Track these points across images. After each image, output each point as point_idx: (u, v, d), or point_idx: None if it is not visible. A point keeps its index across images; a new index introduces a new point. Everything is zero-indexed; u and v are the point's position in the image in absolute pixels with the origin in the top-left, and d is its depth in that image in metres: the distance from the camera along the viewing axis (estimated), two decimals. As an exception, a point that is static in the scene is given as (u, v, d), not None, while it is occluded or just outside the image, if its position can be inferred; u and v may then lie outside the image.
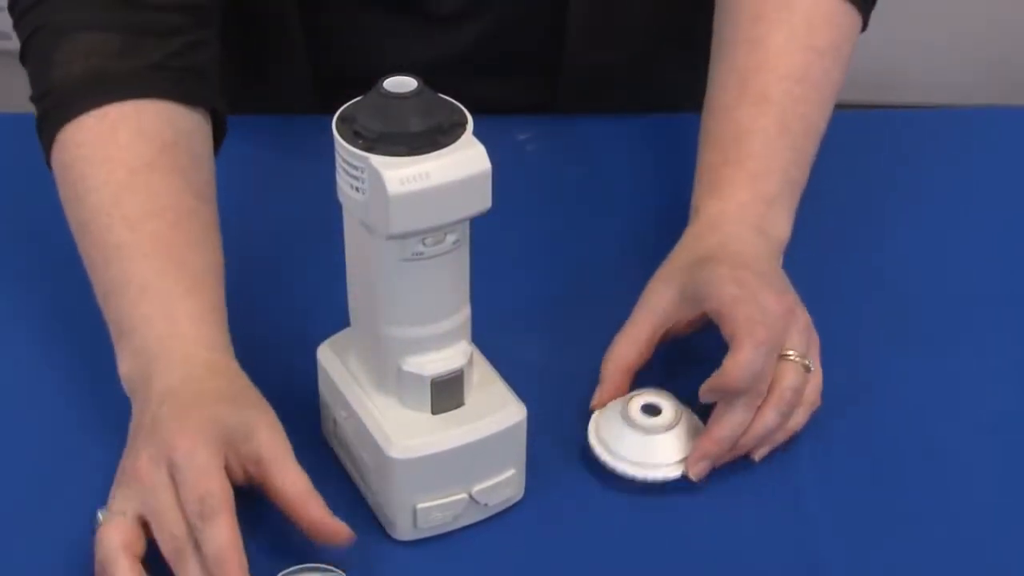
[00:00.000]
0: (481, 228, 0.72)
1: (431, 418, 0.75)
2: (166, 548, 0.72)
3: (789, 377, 0.79)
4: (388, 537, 0.78)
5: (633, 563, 0.77)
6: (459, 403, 0.76)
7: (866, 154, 1.07)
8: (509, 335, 0.86)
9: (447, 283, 0.73)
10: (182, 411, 0.75)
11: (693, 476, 0.79)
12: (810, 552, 0.77)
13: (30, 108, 0.89)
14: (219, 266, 0.84)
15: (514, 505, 0.80)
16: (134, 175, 0.83)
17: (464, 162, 0.68)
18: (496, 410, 0.76)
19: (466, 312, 0.75)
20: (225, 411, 0.75)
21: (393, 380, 0.75)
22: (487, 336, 0.78)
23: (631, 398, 0.82)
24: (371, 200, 0.68)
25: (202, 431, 0.73)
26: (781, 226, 0.87)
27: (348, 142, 0.68)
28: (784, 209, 0.87)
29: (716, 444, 0.79)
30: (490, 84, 0.73)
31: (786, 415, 0.80)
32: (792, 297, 0.83)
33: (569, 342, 0.90)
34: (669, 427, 0.80)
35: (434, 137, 0.68)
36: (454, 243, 0.71)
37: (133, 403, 0.79)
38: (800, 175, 0.89)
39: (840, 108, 0.94)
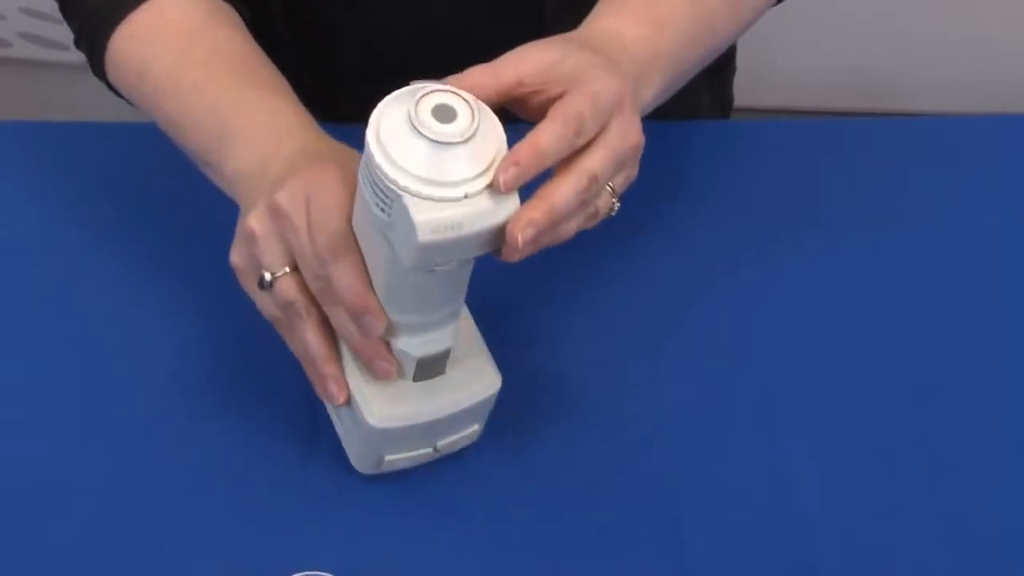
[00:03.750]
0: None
1: (412, 386, 0.76)
2: (313, 287, 0.74)
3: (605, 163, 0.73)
4: (388, 543, 0.78)
5: (633, 566, 0.77)
6: (440, 372, 0.77)
7: (867, 162, 1.07)
8: (510, 340, 0.86)
9: (451, 287, 0.74)
10: (315, 159, 0.76)
11: (502, 183, 0.68)
12: (809, 552, 0.77)
13: (31, 113, 0.89)
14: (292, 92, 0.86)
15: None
16: (192, 35, 0.88)
17: (498, 210, 0.67)
18: (474, 381, 0.78)
19: (461, 301, 0.76)
20: (354, 166, 0.73)
21: None
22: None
23: (423, 95, 0.67)
24: (396, 225, 0.67)
25: (335, 170, 0.74)
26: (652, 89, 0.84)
27: (383, 170, 0.66)
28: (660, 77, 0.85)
29: (534, 153, 0.69)
30: None
31: (585, 201, 0.73)
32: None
33: (569, 345, 0.90)
34: (464, 139, 0.67)
35: (473, 180, 0.67)
36: (466, 260, 0.72)
37: (245, 191, 0.79)
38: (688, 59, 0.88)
39: (841, 116, 0.94)
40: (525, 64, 0.74)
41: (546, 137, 0.71)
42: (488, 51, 0.75)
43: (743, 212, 1.01)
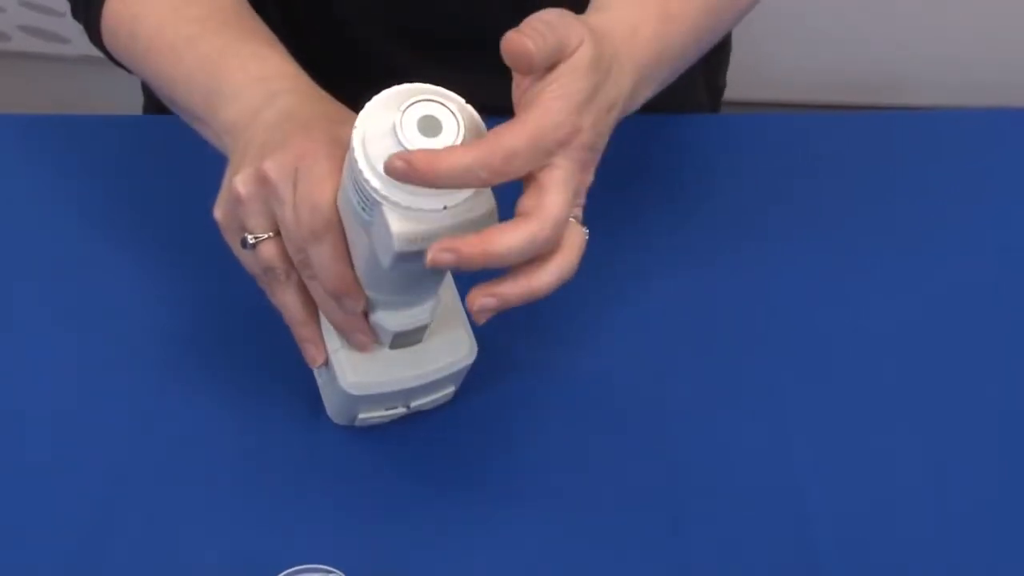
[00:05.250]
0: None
1: (388, 353, 0.78)
2: (294, 258, 0.75)
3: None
4: (388, 539, 0.78)
5: (633, 566, 0.77)
6: (418, 341, 0.78)
7: (864, 156, 1.07)
8: (506, 339, 0.86)
9: (431, 274, 0.74)
10: (305, 128, 0.75)
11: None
12: (810, 552, 0.78)
13: (31, 106, 0.89)
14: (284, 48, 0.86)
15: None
16: None
17: (477, 222, 0.67)
18: (451, 350, 0.79)
19: (441, 282, 0.76)
20: (345, 132, 0.72)
21: None
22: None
23: (410, 104, 0.66)
24: (375, 226, 0.68)
25: (324, 143, 0.73)
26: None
27: (365, 176, 0.66)
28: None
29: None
30: (477, 82, 0.73)
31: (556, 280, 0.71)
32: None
33: (564, 344, 0.90)
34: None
35: (454, 192, 0.67)
36: None
37: (234, 143, 0.79)
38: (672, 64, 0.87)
39: (838, 110, 0.94)
40: (574, 33, 0.71)
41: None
42: (487, 51, 0.75)
43: (739, 207, 1.00)
